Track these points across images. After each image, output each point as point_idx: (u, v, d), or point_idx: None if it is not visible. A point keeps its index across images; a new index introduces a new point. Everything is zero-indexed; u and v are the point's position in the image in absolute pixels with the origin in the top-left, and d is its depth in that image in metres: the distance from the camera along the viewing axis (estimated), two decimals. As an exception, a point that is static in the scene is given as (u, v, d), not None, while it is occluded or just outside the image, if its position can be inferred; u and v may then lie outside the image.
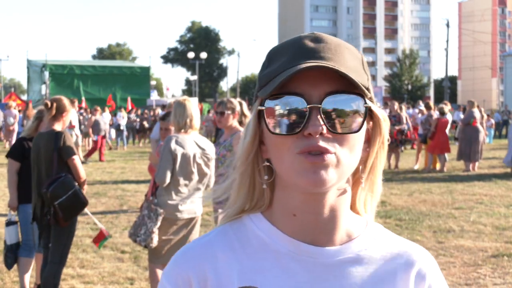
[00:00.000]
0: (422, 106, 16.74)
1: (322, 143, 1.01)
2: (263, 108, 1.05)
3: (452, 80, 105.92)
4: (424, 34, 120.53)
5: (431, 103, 17.45)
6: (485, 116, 24.37)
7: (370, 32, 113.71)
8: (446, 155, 16.17)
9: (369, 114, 1.10)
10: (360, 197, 1.16)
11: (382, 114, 1.12)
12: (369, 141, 1.12)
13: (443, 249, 7.55)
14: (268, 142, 1.09)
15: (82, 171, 5.31)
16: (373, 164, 1.14)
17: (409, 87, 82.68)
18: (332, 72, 1.02)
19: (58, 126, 5.31)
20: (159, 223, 5.12)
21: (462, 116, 20.38)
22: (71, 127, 19.08)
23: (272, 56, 1.11)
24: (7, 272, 6.53)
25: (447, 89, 57.38)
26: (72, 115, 19.00)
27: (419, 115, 18.82)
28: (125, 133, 25.76)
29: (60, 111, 5.31)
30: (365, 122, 1.06)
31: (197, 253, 1.12)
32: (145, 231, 5.12)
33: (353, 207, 1.16)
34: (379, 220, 1.24)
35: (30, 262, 5.87)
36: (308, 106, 1.01)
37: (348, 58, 1.07)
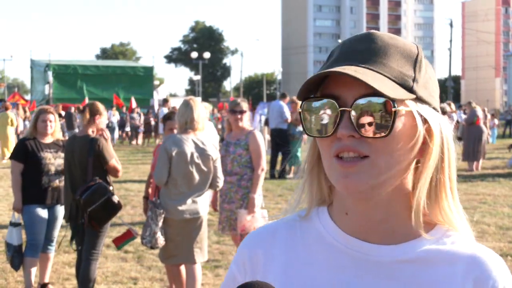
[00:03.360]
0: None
1: (353, 145, 1.01)
2: (300, 110, 1.07)
3: (456, 80, 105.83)
4: (428, 34, 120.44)
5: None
6: (489, 116, 24.33)
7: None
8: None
9: (423, 118, 1.05)
10: (431, 203, 1.08)
11: (437, 118, 1.07)
12: (425, 144, 1.07)
13: (446, 249, 7.54)
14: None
15: (120, 169, 5.53)
16: (436, 169, 1.07)
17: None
18: (369, 74, 1.01)
19: (92, 131, 5.47)
20: (160, 224, 5.14)
21: (463, 116, 20.31)
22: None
23: (330, 54, 1.13)
24: (11, 271, 6.55)
25: (450, 89, 57.31)
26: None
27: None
28: (116, 131, 26.54)
29: (92, 115, 5.51)
30: (403, 125, 1.02)
31: (258, 237, 1.20)
32: (150, 232, 5.14)
33: (417, 210, 1.08)
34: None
35: (35, 262, 5.89)
36: (339, 109, 1.01)
37: (393, 59, 1.05)
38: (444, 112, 15.76)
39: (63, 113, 23.47)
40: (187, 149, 5.13)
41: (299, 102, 1.08)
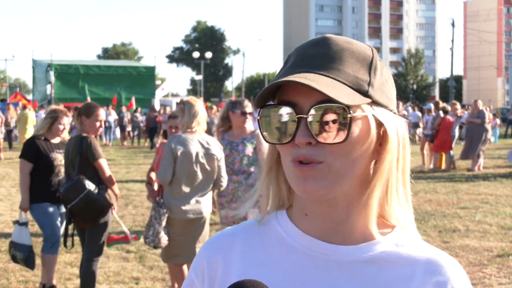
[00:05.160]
0: (430, 106, 16.70)
1: (309, 153, 1.02)
2: (258, 117, 1.08)
3: (458, 80, 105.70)
4: (430, 34, 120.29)
5: (440, 103, 17.38)
6: (491, 116, 24.30)
7: (375, 32, 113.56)
8: (453, 155, 16.11)
9: (379, 121, 1.07)
10: (387, 203, 1.11)
11: (394, 121, 1.08)
12: (382, 145, 1.09)
13: (448, 249, 7.53)
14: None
15: (108, 172, 5.38)
16: (390, 169, 1.09)
17: (415, 86, 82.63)
18: (323, 82, 1.02)
19: (85, 131, 5.43)
20: (164, 223, 5.14)
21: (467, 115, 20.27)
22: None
23: (287, 59, 1.13)
24: (13, 271, 6.56)
25: (452, 89, 57.25)
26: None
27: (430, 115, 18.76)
28: (112, 130, 26.73)
29: (81, 115, 5.45)
30: (360, 130, 1.04)
31: (217, 243, 1.19)
32: (153, 232, 5.14)
33: (374, 211, 1.11)
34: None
35: (55, 259, 5.87)
36: (296, 116, 1.02)
37: (348, 64, 1.06)
38: (446, 111, 15.76)
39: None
40: (192, 149, 5.13)
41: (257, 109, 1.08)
